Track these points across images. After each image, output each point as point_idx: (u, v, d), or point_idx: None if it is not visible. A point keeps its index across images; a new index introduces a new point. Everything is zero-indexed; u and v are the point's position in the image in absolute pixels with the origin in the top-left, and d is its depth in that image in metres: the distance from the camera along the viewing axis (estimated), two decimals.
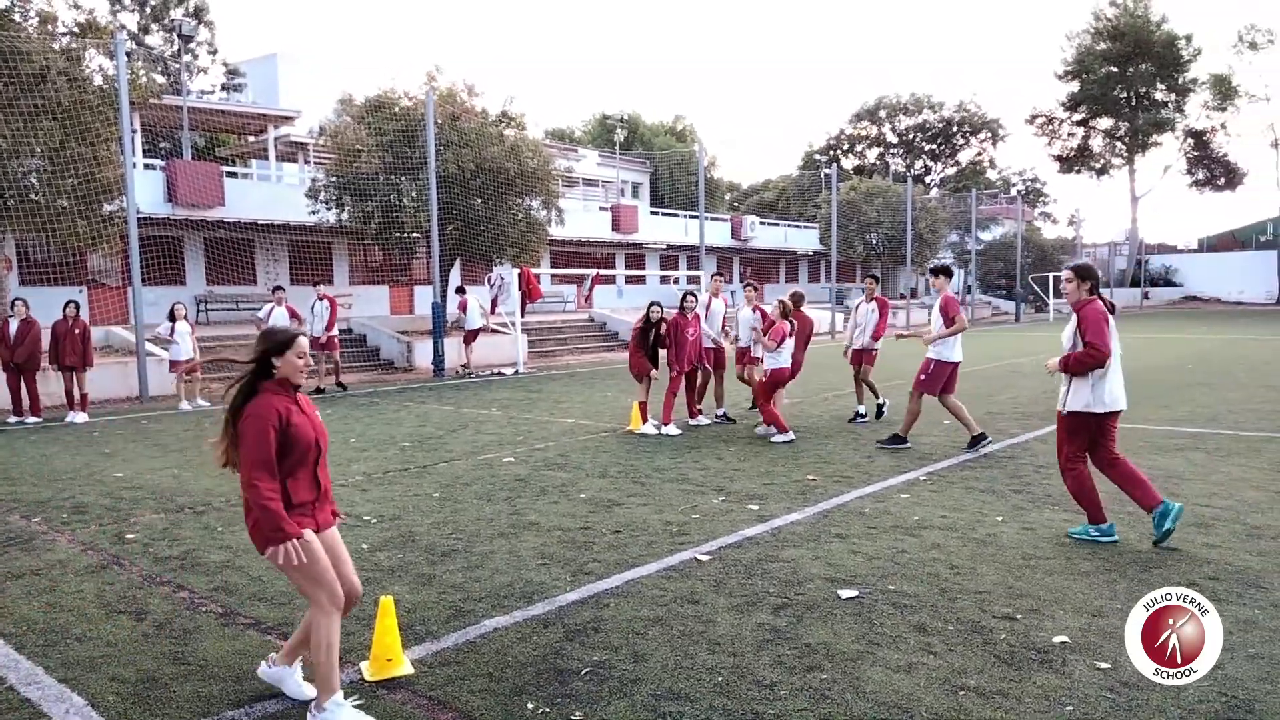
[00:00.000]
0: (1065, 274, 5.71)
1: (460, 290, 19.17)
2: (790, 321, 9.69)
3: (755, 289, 11.51)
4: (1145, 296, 55.19)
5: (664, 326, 10.32)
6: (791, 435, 9.62)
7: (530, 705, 3.55)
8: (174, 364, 13.50)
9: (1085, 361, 5.44)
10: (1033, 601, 4.59)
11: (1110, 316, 5.56)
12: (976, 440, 8.84)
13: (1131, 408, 11.39)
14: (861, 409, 10.92)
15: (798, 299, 10.58)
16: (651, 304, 10.52)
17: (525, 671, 3.86)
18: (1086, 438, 5.64)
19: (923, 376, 8.82)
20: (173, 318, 13.44)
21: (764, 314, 10.42)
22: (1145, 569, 5.06)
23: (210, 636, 4.30)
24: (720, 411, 11.14)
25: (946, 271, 9.17)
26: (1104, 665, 3.81)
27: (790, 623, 4.35)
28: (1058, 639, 4.09)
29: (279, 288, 15.70)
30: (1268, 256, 55.99)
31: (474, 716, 3.48)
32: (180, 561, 5.52)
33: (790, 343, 9.70)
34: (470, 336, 18.31)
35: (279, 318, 14.70)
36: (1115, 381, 5.57)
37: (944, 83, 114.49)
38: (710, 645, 4.10)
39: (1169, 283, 59.64)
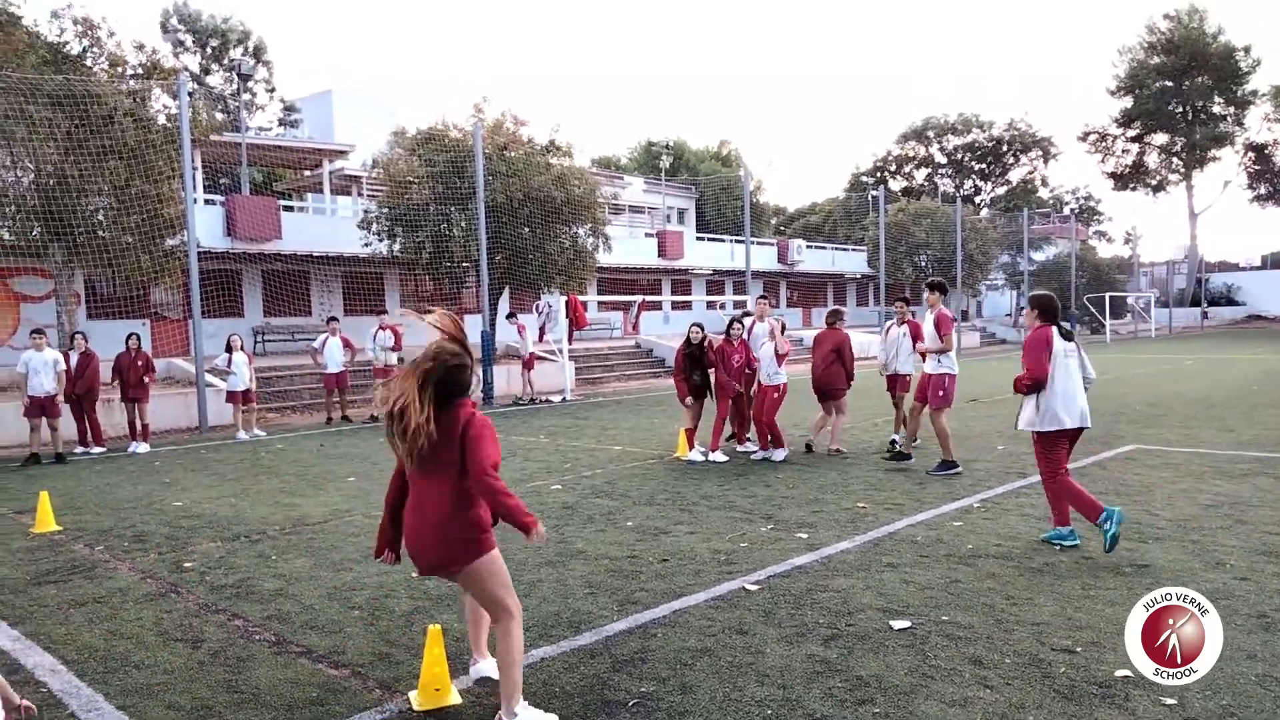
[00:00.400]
0: (1026, 304, 6.30)
1: (511, 316, 19.36)
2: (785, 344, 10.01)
3: (766, 299, 11.73)
4: (1205, 315, 53.59)
5: (708, 346, 10.32)
6: (785, 452, 9.98)
7: None
8: (230, 394, 13.82)
9: (1024, 381, 6.06)
10: (1093, 634, 4.45)
11: (1062, 343, 6.03)
12: (903, 457, 9.42)
13: (1193, 431, 11.20)
14: (897, 438, 10.70)
15: (834, 316, 10.76)
16: (692, 325, 10.51)
17: (572, 702, 3.84)
18: (1063, 451, 6.08)
19: (940, 393, 8.96)
20: (229, 349, 13.78)
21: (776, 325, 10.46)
22: (1213, 599, 4.85)
23: (263, 665, 4.37)
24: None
25: (942, 288, 9.39)
26: (1170, 701, 3.67)
27: (841, 654, 4.28)
28: (1120, 673, 3.96)
29: (333, 319, 16.02)
30: None
31: None
32: (235, 590, 5.62)
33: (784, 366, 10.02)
34: (528, 362, 18.44)
35: (333, 348, 15.01)
36: (1080, 400, 6.04)
37: (993, 101, 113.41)
38: (759, 677, 4.04)
39: (1231, 301, 57.86)
